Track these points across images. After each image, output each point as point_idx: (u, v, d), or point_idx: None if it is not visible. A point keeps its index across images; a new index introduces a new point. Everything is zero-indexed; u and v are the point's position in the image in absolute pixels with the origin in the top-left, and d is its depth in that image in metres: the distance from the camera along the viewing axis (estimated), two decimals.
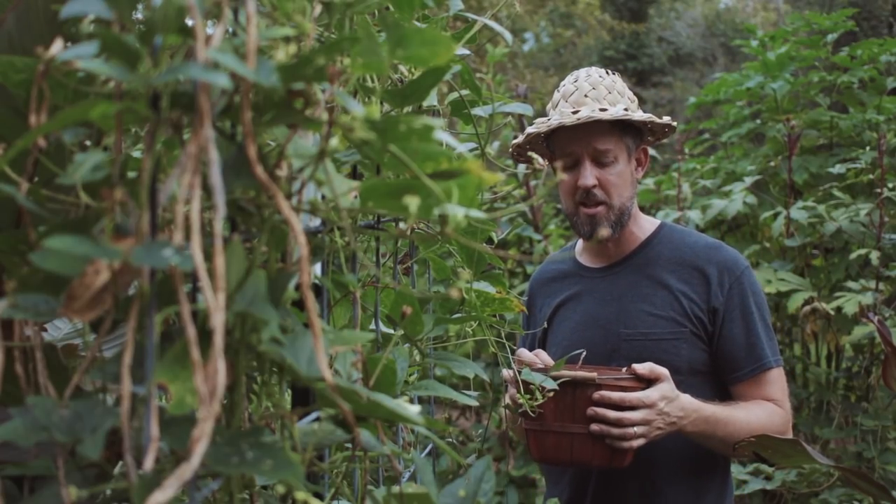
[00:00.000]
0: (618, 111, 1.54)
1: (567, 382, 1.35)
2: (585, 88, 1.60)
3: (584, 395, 1.37)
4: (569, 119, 1.53)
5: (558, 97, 1.65)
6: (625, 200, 1.60)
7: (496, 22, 0.92)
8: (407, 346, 0.88)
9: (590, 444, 1.38)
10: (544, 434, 1.41)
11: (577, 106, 1.58)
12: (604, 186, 1.57)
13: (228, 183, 0.49)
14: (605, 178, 1.57)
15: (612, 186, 1.58)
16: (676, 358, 1.56)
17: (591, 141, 1.56)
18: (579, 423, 1.38)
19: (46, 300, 0.49)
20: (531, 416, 1.41)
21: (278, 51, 0.50)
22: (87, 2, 0.47)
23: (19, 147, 0.46)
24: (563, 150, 1.60)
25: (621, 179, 1.59)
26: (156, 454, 0.44)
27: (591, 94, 1.59)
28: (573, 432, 1.39)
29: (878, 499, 1.22)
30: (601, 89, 1.60)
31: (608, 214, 1.59)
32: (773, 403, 1.57)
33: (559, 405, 1.38)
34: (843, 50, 3.49)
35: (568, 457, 1.42)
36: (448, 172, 0.53)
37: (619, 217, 1.60)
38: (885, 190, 2.85)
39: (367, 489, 0.75)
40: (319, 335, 0.50)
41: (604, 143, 1.57)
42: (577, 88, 1.62)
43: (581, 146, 1.57)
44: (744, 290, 1.59)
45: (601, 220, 1.58)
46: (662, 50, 15.42)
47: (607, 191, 1.58)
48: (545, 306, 1.77)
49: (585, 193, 1.57)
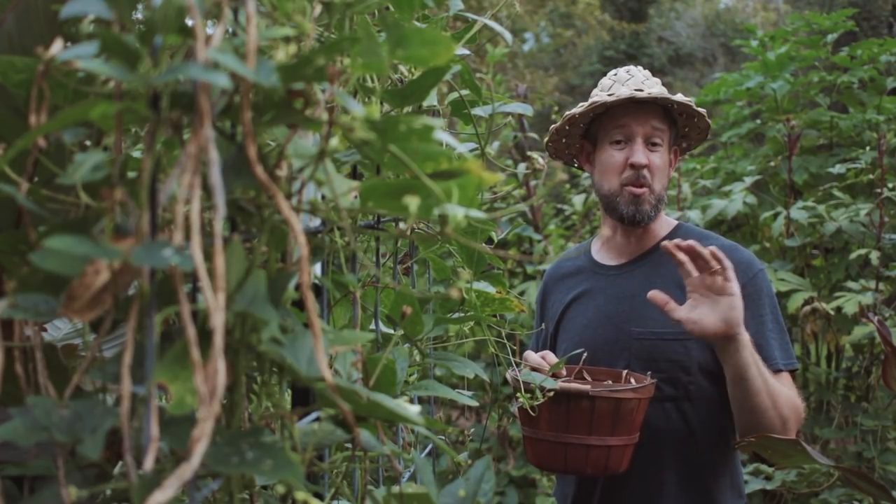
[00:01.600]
0: (681, 98, 1.59)
1: (561, 393, 1.35)
2: (641, 77, 1.65)
3: (577, 407, 1.36)
4: (639, 94, 1.57)
5: (610, 83, 1.68)
6: (662, 189, 1.63)
7: (496, 22, 0.92)
8: (407, 346, 0.88)
9: (583, 453, 1.38)
10: (539, 442, 1.41)
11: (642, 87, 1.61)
12: (651, 169, 1.60)
13: (228, 183, 0.49)
14: (653, 162, 1.60)
15: (658, 171, 1.60)
16: (686, 358, 1.56)
17: (650, 120, 1.59)
18: (573, 433, 1.37)
19: (46, 300, 0.49)
20: (528, 422, 1.41)
21: (278, 51, 0.50)
22: (87, 2, 0.47)
23: (19, 147, 0.46)
24: (618, 125, 1.61)
25: (665, 166, 1.62)
26: (156, 454, 0.44)
27: (647, 82, 1.64)
28: (567, 442, 1.38)
29: (878, 499, 1.22)
30: (654, 80, 1.66)
31: (650, 198, 1.61)
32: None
33: (553, 415, 1.37)
34: (843, 50, 3.49)
35: (562, 465, 1.42)
36: (448, 172, 0.53)
37: (656, 204, 1.62)
38: (885, 190, 2.85)
39: (367, 489, 0.75)
40: (319, 335, 0.50)
41: (659, 125, 1.60)
42: (631, 77, 1.66)
43: (638, 123, 1.59)
44: (756, 292, 1.58)
45: (644, 201, 1.60)
46: (662, 50, 15.42)
47: (653, 174, 1.60)
48: (557, 302, 1.77)
49: (636, 173, 1.59)
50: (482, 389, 3.37)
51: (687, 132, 1.69)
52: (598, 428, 1.37)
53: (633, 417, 1.40)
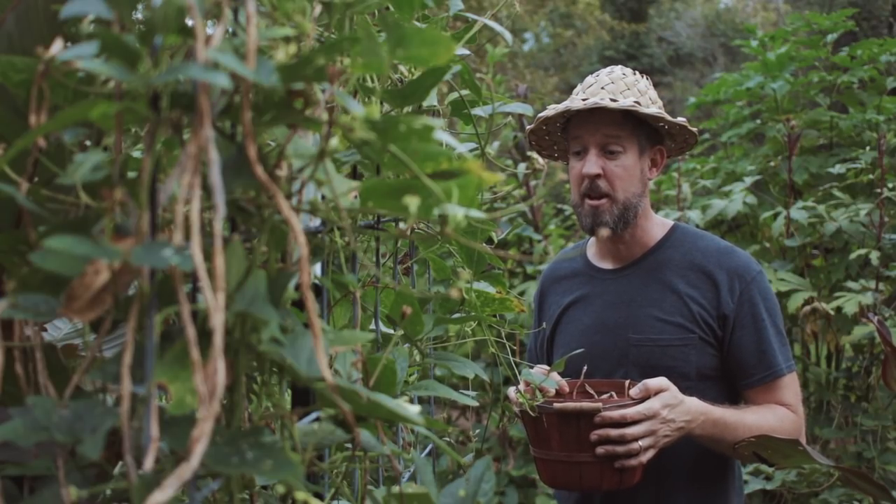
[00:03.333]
0: (626, 103, 1.52)
1: (570, 413, 1.34)
2: (604, 82, 1.61)
3: (588, 425, 1.35)
4: (577, 104, 1.53)
5: (578, 88, 1.65)
6: (630, 196, 1.57)
7: (496, 22, 0.92)
8: (407, 346, 0.88)
9: (598, 470, 1.37)
10: (552, 463, 1.40)
11: (591, 95, 1.58)
12: (608, 178, 1.55)
13: (228, 183, 0.49)
14: (610, 170, 1.55)
15: (617, 179, 1.55)
16: (685, 364, 1.55)
17: (600, 128, 1.55)
18: (586, 451, 1.36)
19: (46, 300, 0.49)
20: (539, 444, 1.40)
21: (278, 51, 0.50)
22: (87, 2, 0.47)
23: (19, 147, 0.46)
24: (573, 136, 1.59)
25: (628, 173, 1.56)
26: (156, 454, 0.44)
27: (609, 87, 1.59)
28: (581, 461, 1.37)
29: (878, 499, 1.22)
30: (619, 84, 1.59)
31: (611, 208, 1.56)
32: (785, 408, 1.55)
33: (563, 436, 1.36)
34: (843, 50, 3.49)
35: (578, 485, 1.41)
36: (448, 172, 0.53)
37: (622, 213, 1.57)
38: (885, 190, 2.85)
39: (367, 489, 0.75)
40: (319, 335, 0.50)
41: (612, 132, 1.55)
42: (595, 81, 1.62)
43: (589, 133, 1.56)
44: (754, 296, 1.57)
45: (604, 212, 1.56)
46: (662, 50, 15.42)
47: (612, 183, 1.55)
48: (554, 304, 1.75)
49: (589, 184, 1.55)
50: (482, 389, 3.37)
51: (669, 130, 1.62)
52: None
53: None
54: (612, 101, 1.52)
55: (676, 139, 1.67)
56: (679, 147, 1.70)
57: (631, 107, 1.51)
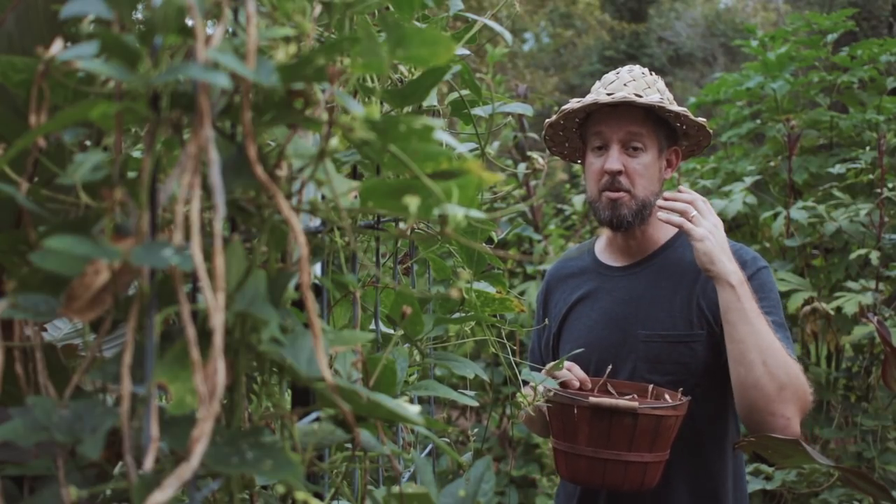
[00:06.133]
0: (653, 99, 1.54)
1: (604, 409, 1.34)
2: (626, 78, 1.62)
3: (620, 423, 1.35)
4: (604, 98, 1.54)
5: (597, 85, 1.66)
6: (648, 194, 1.59)
7: (496, 22, 0.92)
8: (407, 346, 0.88)
9: (622, 469, 1.37)
10: (576, 457, 1.40)
11: (615, 91, 1.58)
12: (629, 174, 1.57)
13: (228, 183, 0.49)
14: (631, 167, 1.57)
15: (638, 176, 1.57)
16: (693, 360, 1.56)
17: (624, 125, 1.56)
18: (613, 449, 1.36)
19: (46, 300, 0.49)
20: (564, 436, 1.40)
21: (278, 51, 0.50)
22: (87, 2, 0.47)
23: (19, 147, 0.46)
24: (595, 131, 1.60)
25: (648, 171, 1.58)
26: (156, 454, 0.44)
27: (631, 84, 1.60)
28: (606, 458, 1.37)
29: (878, 499, 1.22)
30: (641, 82, 1.61)
31: (630, 202, 1.58)
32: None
33: (593, 431, 1.37)
34: (843, 50, 3.49)
35: (600, 481, 1.41)
36: (448, 172, 0.53)
37: (640, 208, 1.59)
38: (885, 190, 2.85)
39: (367, 489, 0.75)
40: (319, 335, 0.50)
41: (635, 129, 1.57)
42: (617, 78, 1.63)
43: (612, 129, 1.57)
44: (761, 285, 1.56)
45: (622, 205, 1.58)
46: (662, 50, 15.42)
47: (632, 179, 1.57)
48: (561, 302, 1.76)
49: (610, 179, 1.57)
50: (482, 389, 3.37)
51: (686, 130, 1.65)
52: (638, 444, 1.36)
53: (670, 434, 1.40)
54: (638, 97, 1.53)
55: (690, 140, 1.69)
56: (690, 149, 1.72)
57: (660, 103, 1.53)
